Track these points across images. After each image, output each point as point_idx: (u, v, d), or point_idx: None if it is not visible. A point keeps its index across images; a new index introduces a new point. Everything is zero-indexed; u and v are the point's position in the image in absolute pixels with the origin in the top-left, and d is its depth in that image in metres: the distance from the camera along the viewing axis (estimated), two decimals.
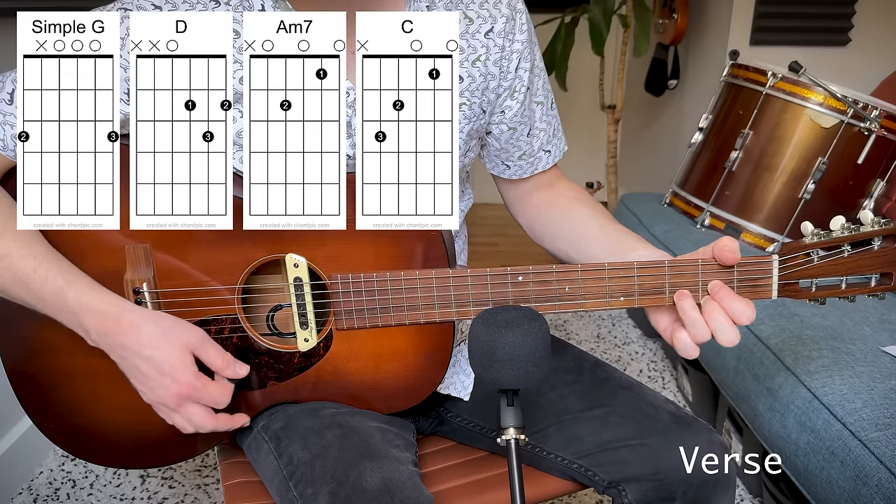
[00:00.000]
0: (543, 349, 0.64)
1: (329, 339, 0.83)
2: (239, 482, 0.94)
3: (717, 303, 0.73)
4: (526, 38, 0.88)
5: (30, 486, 1.59)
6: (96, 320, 0.77)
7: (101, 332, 0.77)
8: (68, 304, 0.77)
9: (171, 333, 0.78)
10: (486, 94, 0.88)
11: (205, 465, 1.66)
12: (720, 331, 0.72)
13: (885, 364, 1.23)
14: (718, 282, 0.74)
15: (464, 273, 0.76)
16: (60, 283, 0.77)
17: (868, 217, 0.71)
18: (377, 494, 0.75)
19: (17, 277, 0.77)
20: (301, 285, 0.80)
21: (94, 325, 0.77)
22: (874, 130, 1.56)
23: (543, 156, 0.97)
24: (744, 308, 0.72)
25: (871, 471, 1.05)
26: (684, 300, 0.74)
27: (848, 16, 2.16)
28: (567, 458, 0.90)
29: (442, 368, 0.84)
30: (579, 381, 0.94)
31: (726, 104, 1.78)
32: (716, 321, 0.72)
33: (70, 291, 0.77)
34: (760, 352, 1.38)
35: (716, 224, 1.75)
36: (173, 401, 0.78)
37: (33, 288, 0.77)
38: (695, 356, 0.76)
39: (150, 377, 0.78)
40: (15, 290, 0.78)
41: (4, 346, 0.87)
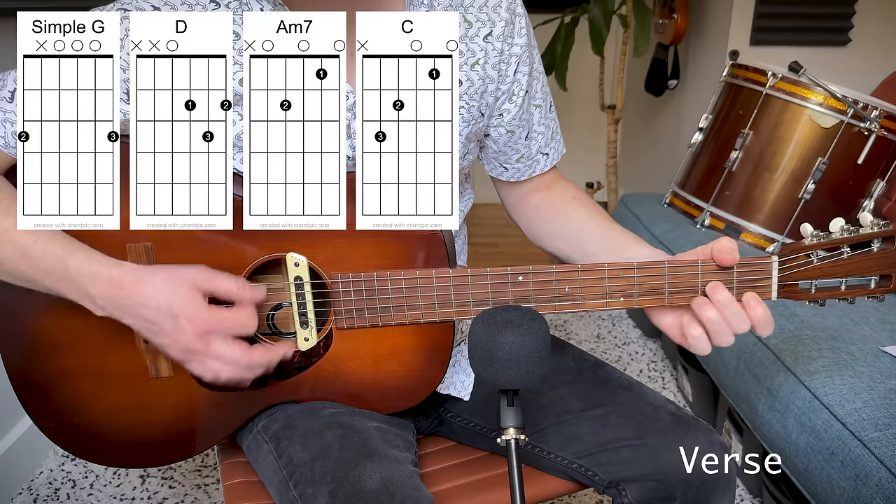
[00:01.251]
0: (543, 349, 0.64)
1: (329, 339, 0.83)
2: (239, 482, 0.94)
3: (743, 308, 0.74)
4: (525, 41, 0.88)
5: (30, 486, 1.59)
6: (101, 286, 0.75)
7: (106, 298, 0.75)
8: (70, 272, 0.76)
9: (173, 277, 0.75)
10: (485, 98, 0.88)
11: (205, 465, 1.66)
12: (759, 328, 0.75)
13: (885, 364, 1.23)
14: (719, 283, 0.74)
15: (464, 273, 0.76)
16: (61, 253, 0.76)
17: (867, 219, 0.71)
18: (377, 494, 0.75)
19: (19, 250, 0.76)
20: (301, 284, 0.80)
21: (99, 290, 0.75)
22: (874, 130, 1.56)
23: (541, 158, 0.97)
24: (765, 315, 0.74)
25: (871, 471, 1.05)
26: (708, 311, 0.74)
27: (848, 16, 2.16)
28: (567, 458, 0.90)
29: (442, 368, 0.84)
30: (579, 381, 0.94)
31: (726, 104, 1.78)
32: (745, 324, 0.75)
33: (72, 260, 0.76)
34: (760, 352, 1.38)
35: (716, 224, 1.75)
36: (197, 341, 0.75)
37: (34, 259, 0.76)
38: (708, 352, 0.76)
39: (164, 325, 0.75)
40: (18, 265, 0.77)
41: (5, 345, 0.87)
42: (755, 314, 0.74)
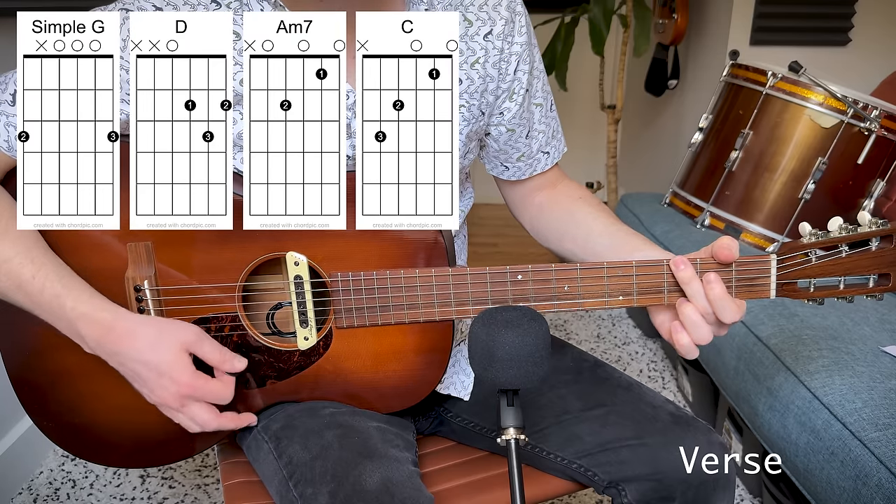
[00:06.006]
0: (543, 349, 0.64)
1: (329, 338, 0.83)
2: (239, 482, 0.94)
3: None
4: (525, 40, 0.88)
5: (30, 486, 1.59)
6: (92, 329, 0.77)
7: (97, 341, 0.78)
8: (65, 312, 0.77)
9: (166, 335, 0.78)
10: (485, 97, 0.89)
11: (205, 465, 1.66)
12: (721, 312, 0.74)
13: (885, 364, 1.23)
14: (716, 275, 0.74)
15: (463, 272, 0.76)
16: (59, 289, 0.77)
17: (866, 218, 0.71)
18: (377, 494, 0.75)
19: (16, 283, 0.77)
20: (301, 283, 0.80)
21: (90, 333, 0.77)
22: (874, 130, 1.56)
23: (542, 157, 0.97)
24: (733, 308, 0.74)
25: (871, 471, 1.05)
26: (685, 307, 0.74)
27: (848, 16, 2.16)
28: (567, 458, 0.90)
29: (441, 368, 0.84)
30: (579, 381, 0.94)
31: (726, 104, 1.78)
32: None
33: (68, 299, 0.77)
34: (760, 352, 1.38)
35: (716, 224, 1.75)
36: (175, 401, 0.79)
37: (31, 294, 0.78)
38: (695, 356, 0.76)
39: (149, 380, 0.78)
40: (13, 296, 0.79)
41: (5, 345, 0.87)
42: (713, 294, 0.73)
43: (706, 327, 0.74)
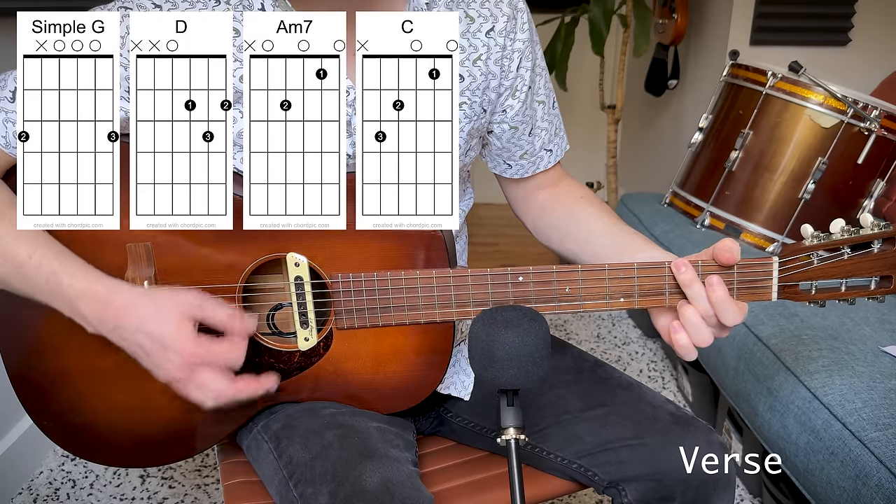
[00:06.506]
0: (543, 349, 0.64)
1: (329, 339, 0.83)
2: (239, 482, 0.94)
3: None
4: (527, 37, 0.88)
5: (30, 486, 1.59)
6: (90, 305, 0.75)
7: (97, 318, 0.75)
8: (63, 289, 0.75)
9: (165, 305, 0.75)
10: (487, 94, 0.88)
11: (205, 465, 1.66)
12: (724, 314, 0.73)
13: (885, 364, 1.23)
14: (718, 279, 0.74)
15: (464, 273, 0.76)
16: (55, 266, 0.76)
17: (868, 220, 0.71)
18: (377, 494, 0.75)
19: (14, 266, 0.76)
20: (301, 284, 0.80)
21: (90, 309, 0.75)
22: (874, 130, 1.56)
23: (545, 155, 0.97)
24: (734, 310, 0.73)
25: (871, 471, 1.05)
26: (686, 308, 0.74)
27: (848, 16, 2.16)
28: (567, 458, 0.90)
29: (442, 368, 0.84)
30: (579, 381, 0.94)
31: (726, 104, 1.78)
32: None
33: (64, 276, 0.75)
34: (760, 352, 1.38)
35: (716, 224, 1.75)
36: (182, 372, 0.74)
37: (29, 275, 0.76)
38: (693, 357, 0.76)
39: (153, 353, 0.75)
40: (13, 281, 0.77)
41: (5, 345, 0.87)
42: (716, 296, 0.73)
43: (707, 329, 0.74)
